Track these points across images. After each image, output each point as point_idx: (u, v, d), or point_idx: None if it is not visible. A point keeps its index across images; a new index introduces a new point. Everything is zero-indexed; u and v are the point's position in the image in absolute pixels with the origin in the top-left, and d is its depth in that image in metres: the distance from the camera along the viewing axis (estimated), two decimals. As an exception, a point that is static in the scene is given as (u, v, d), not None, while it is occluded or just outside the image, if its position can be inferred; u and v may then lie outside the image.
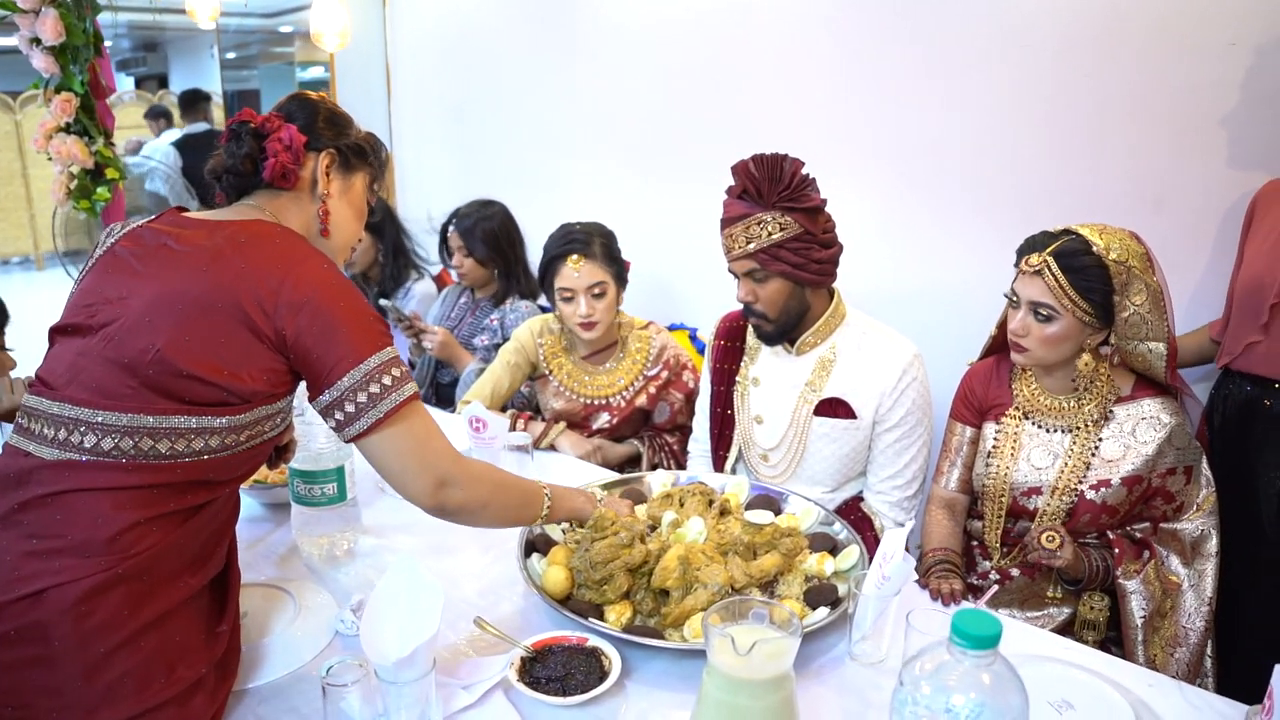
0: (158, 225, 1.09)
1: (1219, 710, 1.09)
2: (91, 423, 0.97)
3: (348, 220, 1.22)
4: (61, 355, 1.03)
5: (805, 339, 1.72)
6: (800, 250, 1.61)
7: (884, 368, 1.68)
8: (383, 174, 1.28)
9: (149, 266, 1.04)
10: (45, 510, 0.96)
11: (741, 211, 1.61)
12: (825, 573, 1.30)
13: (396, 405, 1.04)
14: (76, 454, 0.97)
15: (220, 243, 1.04)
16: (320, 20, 2.65)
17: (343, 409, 1.04)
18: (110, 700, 0.93)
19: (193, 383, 0.98)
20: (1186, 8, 1.86)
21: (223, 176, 1.16)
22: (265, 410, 1.05)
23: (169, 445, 0.98)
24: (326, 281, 1.04)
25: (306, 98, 1.21)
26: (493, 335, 2.44)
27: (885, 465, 1.72)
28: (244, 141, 1.13)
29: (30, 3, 2.44)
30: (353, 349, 1.02)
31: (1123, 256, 1.43)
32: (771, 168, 1.59)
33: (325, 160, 1.17)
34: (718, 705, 0.88)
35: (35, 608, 0.92)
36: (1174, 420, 1.53)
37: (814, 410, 1.70)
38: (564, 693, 1.06)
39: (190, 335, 0.99)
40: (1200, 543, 1.56)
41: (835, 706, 1.08)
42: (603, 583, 1.22)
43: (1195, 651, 1.53)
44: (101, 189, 2.58)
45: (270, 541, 1.51)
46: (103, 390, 0.98)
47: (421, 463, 1.08)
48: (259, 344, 1.01)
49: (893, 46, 2.26)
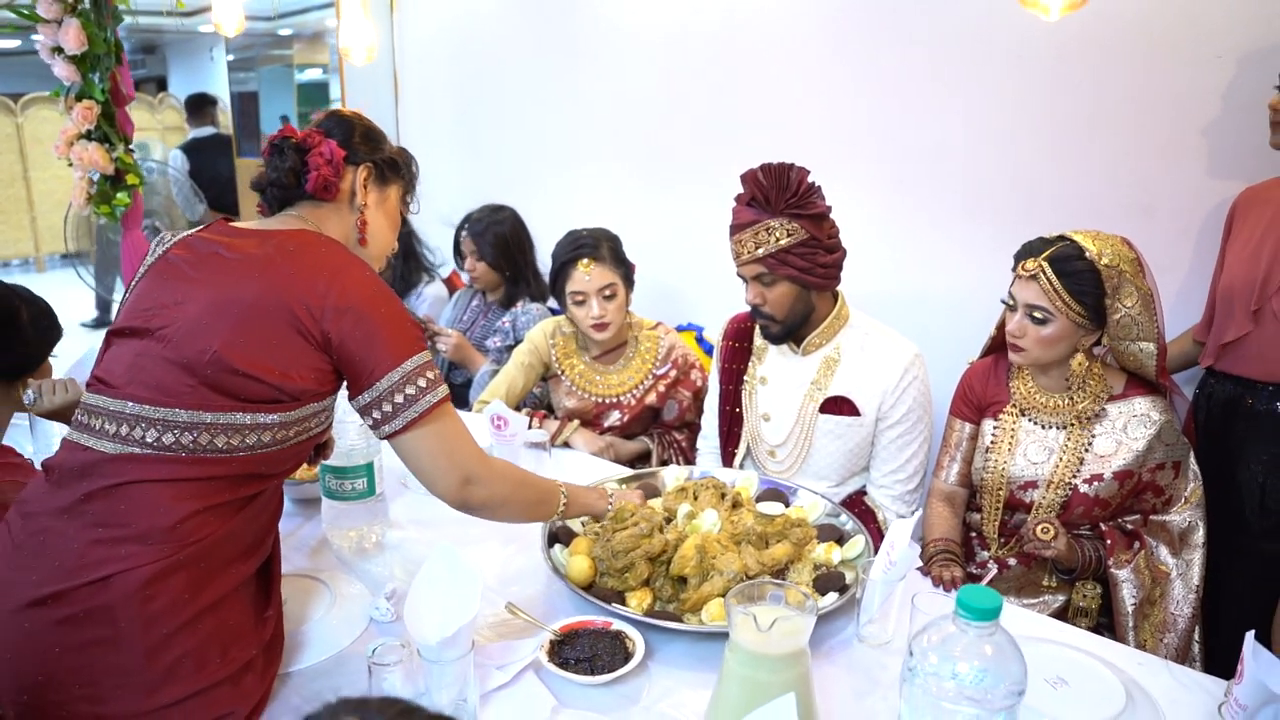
0: (208, 235, 1.15)
1: (1204, 687, 1.16)
2: (152, 419, 1.03)
3: (383, 230, 1.28)
4: (120, 356, 1.09)
5: (811, 339, 1.79)
6: (806, 255, 1.67)
7: (886, 367, 1.75)
8: (414, 186, 1.35)
9: (203, 273, 1.10)
10: (110, 501, 1.01)
11: (750, 218, 1.68)
12: (833, 561, 1.37)
13: (430, 406, 1.11)
14: (138, 448, 1.03)
15: (270, 251, 1.10)
16: (348, 35, 2.72)
17: (380, 408, 1.10)
18: (171, 679, 0.99)
19: (247, 381, 1.04)
20: (1174, 23, 1.93)
21: (267, 189, 1.22)
22: (313, 407, 1.11)
23: (225, 440, 1.05)
24: (368, 288, 1.10)
25: (343, 115, 1.26)
26: (505, 337, 2.51)
27: (888, 461, 1.79)
28: (287, 156, 1.19)
29: (53, 12, 2.50)
30: (391, 353, 1.09)
31: (1114, 261, 1.51)
32: (779, 176, 1.65)
33: (363, 173, 1.23)
34: (740, 680, 0.95)
35: (102, 592, 0.98)
36: (1163, 418, 1.59)
37: (819, 408, 1.77)
38: (591, 672, 1.13)
39: (244, 337, 1.04)
40: (1188, 534, 1.63)
41: (845, 684, 1.15)
42: (624, 570, 1.29)
43: (1184, 636, 1.60)
44: (121, 194, 2.64)
45: (301, 535, 1.58)
46: (163, 388, 1.04)
47: (450, 461, 1.14)
48: (306, 345, 1.07)
49: (892, 57, 2.33)
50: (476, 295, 2.67)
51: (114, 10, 2.55)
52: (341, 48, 2.74)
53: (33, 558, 1.00)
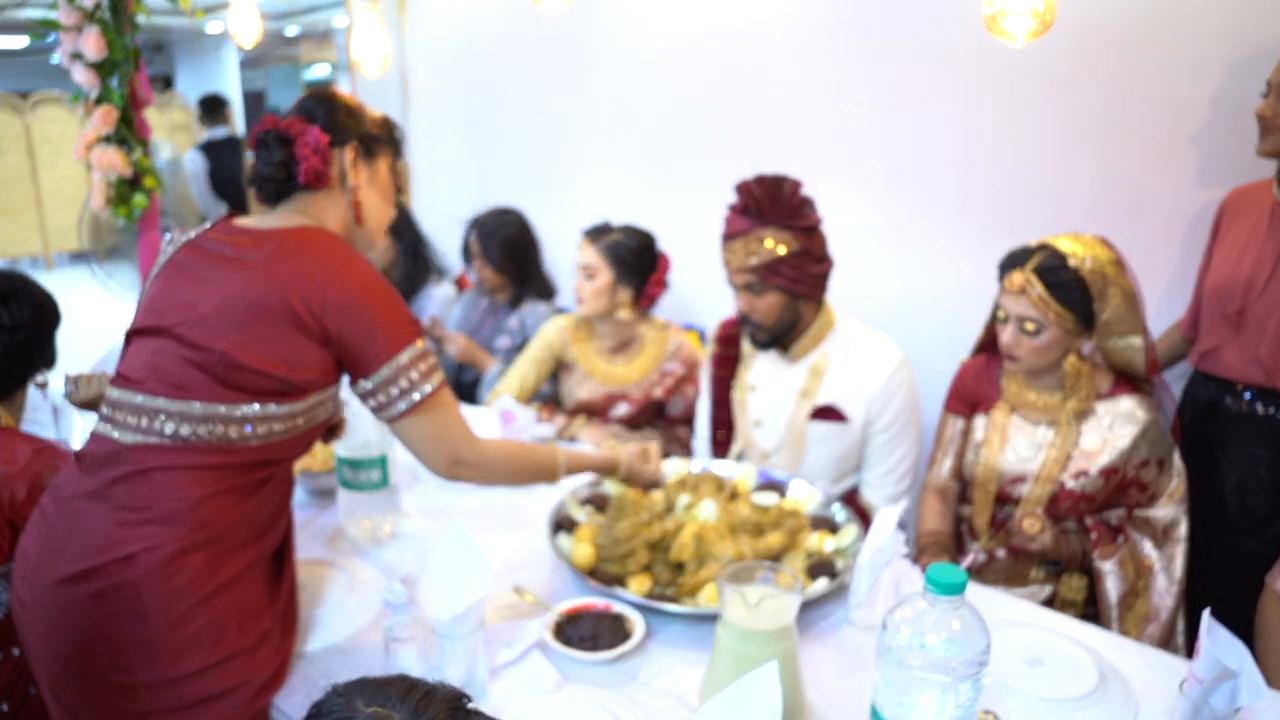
0: (214, 235, 1.20)
1: (1173, 668, 1.21)
2: (170, 411, 1.10)
3: (378, 205, 1.30)
4: (138, 354, 1.15)
5: (798, 346, 1.83)
6: (797, 266, 1.71)
7: (872, 374, 1.79)
8: (401, 151, 1.35)
9: (210, 274, 1.15)
10: (134, 485, 1.08)
11: (743, 228, 1.71)
12: (825, 550, 1.43)
13: (425, 396, 1.17)
14: (158, 438, 1.10)
15: (272, 250, 1.14)
16: (361, 46, 2.78)
17: (376, 397, 1.17)
18: (192, 650, 1.06)
19: (256, 376, 1.10)
20: (1159, 29, 1.97)
21: (261, 185, 1.23)
22: (318, 396, 1.17)
23: (238, 430, 1.11)
24: (366, 283, 1.15)
25: (322, 95, 1.26)
26: (513, 337, 2.58)
27: (878, 463, 1.83)
28: (273, 149, 1.21)
29: (73, 19, 2.57)
30: (388, 345, 1.14)
31: (1097, 265, 1.56)
32: (773, 187, 1.68)
33: (350, 154, 1.24)
34: (730, 654, 1.02)
35: (128, 569, 1.05)
36: (1148, 416, 1.65)
37: (809, 415, 1.82)
38: (594, 650, 1.20)
39: (251, 336, 1.10)
40: (1171, 528, 1.68)
41: (834, 664, 1.22)
42: (625, 557, 1.36)
43: (1166, 627, 1.65)
44: (139, 196, 2.71)
45: (317, 524, 1.65)
46: (178, 384, 1.10)
47: (439, 445, 1.22)
48: (308, 340, 1.12)
49: (891, 67, 2.39)
50: (485, 296, 2.74)
51: (132, 18, 2.62)
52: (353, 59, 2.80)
53: (65, 537, 1.08)
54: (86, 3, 2.55)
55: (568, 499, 1.56)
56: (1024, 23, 1.53)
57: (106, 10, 2.59)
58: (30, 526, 1.14)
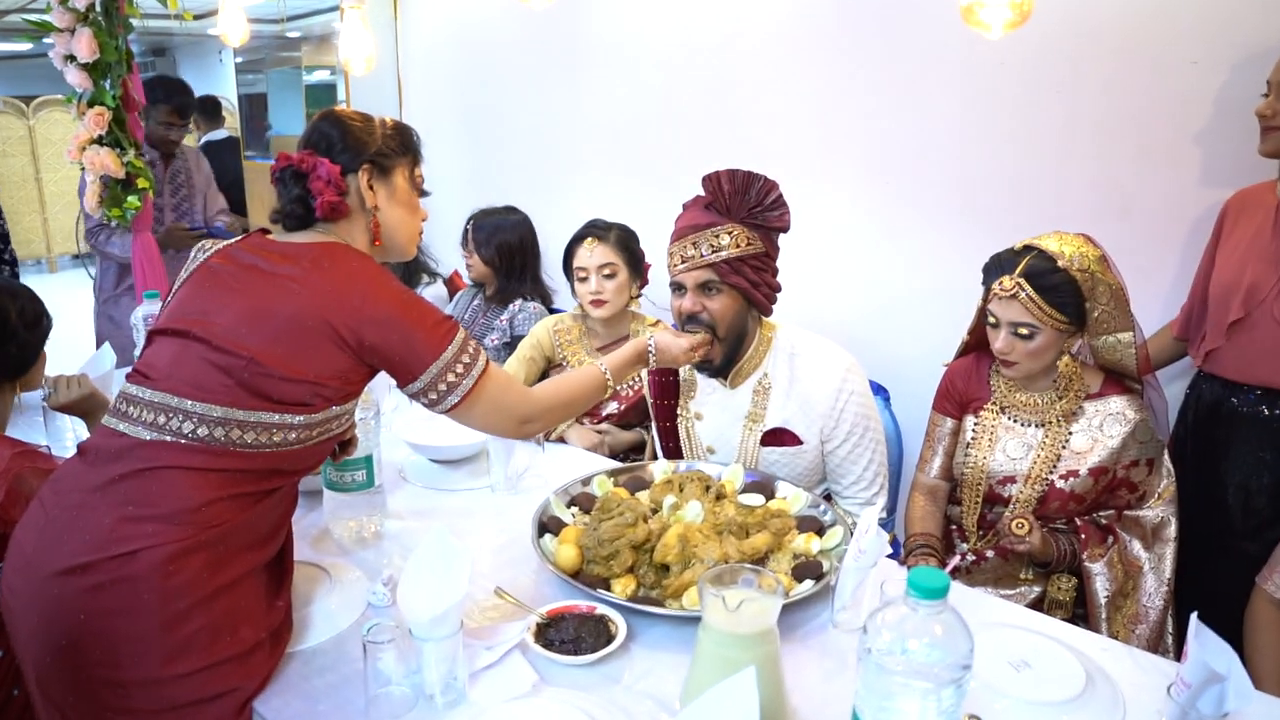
0: (247, 247, 1.23)
1: (1162, 670, 1.20)
2: (189, 411, 1.10)
3: (402, 219, 1.33)
4: (161, 352, 1.16)
5: (738, 370, 1.74)
6: (758, 269, 1.64)
7: (818, 392, 1.70)
8: (419, 155, 1.35)
9: (242, 283, 1.17)
10: (140, 482, 1.09)
11: (707, 221, 1.62)
12: (812, 551, 1.42)
13: (475, 381, 1.23)
14: (171, 436, 1.10)
15: (306, 267, 1.17)
16: (347, 46, 2.79)
17: (428, 395, 1.21)
18: (184, 651, 1.06)
19: (280, 383, 1.12)
20: (1152, 29, 1.97)
21: (284, 221, 1.29)
22: (335, 410, 1.19)
23: (254, 436, 1.12)
24: (397, 297, 1.19)
25: (328, 120, 1.28)
26: (503, 334, 2.58)
27: (845, 474, 1.76)
28: (289, 185, 1.25)
29: (66, 21, 2.58)
30: (430, 349, 1.19)
31: (1084, 265, 1.55)
32: (745, 183, 1.60)
33: (364, 177, 1.27)
34: (711, 657, 1.00)
35: (128, 565, 1.05)
36: (1138, 416, 1.64)
37: (760, 441, 1.74)
38: (576, 653, 1.19)
39: (280, 346, 1.12)
40: (1160, 528, 1.68)
41: (818, 667, 1.21)
42: (609, 558, 1.35)
43: (1155, 628, 1.64)
44: (132, 198, 2.71)
45: (304, 524, 1.64)
46: (200, 385, 1.11)
47: (504, 414, 1.29)
48: (340, 352, 1.15)
49: (880, 66, 2.39)
50: (477, 295, 2.74)
51: (125, 20, 2.62)
52: (342, 58, 2.81)
53: (65, 530, 1.07)
54: (80, 5, 2.55)
55: (553, 499, 1.55)
56: (1001, 13, 1.51)
57: (99, 12, 2.59)
58: (27, 519, 1.13)
